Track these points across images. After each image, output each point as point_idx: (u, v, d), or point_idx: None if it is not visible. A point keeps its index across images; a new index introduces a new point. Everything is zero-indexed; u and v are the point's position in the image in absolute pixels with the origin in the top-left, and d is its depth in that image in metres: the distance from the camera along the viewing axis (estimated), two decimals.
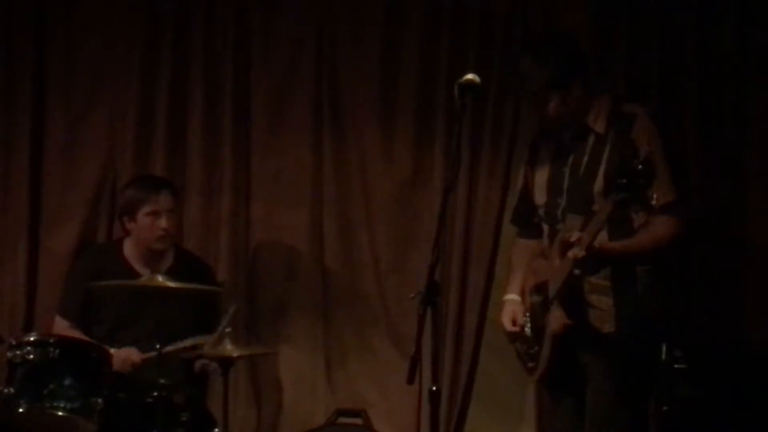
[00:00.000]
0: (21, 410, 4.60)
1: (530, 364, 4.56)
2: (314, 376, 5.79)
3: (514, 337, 4.62)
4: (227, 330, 4.88)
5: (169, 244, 5.35)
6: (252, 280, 5.86)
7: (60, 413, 4.61)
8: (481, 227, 5.52)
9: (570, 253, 4.22)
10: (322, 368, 5.77)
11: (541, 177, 4.62)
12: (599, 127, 4.44)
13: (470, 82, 4.07)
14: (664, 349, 4.36)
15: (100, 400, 4.63)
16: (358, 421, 5.60)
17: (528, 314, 4.57)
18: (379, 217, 5.73)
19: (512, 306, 4.63)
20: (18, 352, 4.67)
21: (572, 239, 4.22)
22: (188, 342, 5.04)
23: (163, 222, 5.25)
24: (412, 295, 4.07)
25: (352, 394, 5.72)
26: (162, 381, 4.83)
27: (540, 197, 4.61)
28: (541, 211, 4.62)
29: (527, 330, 4.55)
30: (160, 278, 4.97)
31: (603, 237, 4.27)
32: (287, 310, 5.84)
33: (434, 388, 4.01)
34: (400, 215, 5.70)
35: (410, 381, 3.98)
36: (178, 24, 5.94)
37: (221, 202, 5.85)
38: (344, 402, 5.69)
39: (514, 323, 4.60)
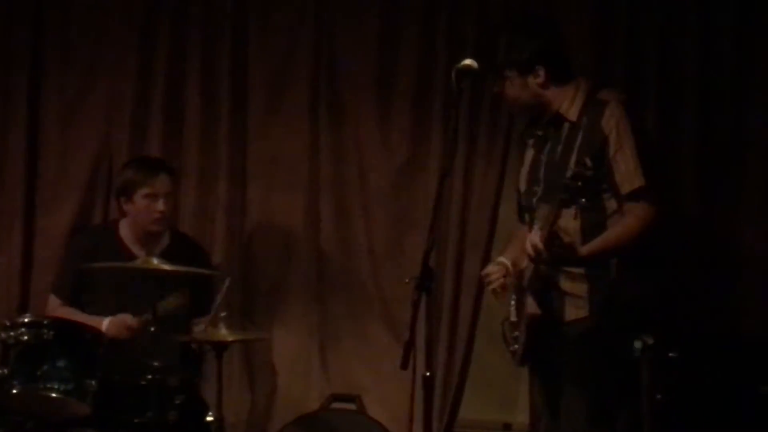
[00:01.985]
0: (15, 391, 4.62)
1: (512, 348, 4.55)
2: (308, 361, 5.79)
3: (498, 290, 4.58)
4: (222, 314, 4.90)
5: (166, 226, 5.34)
6: (247, 264, 5.86)
7: (53, 395, 4.63)
8: (477, 214, 5.52)
9: (528, 246, 4.22)
10: (317, 353, 5.77)
11: (525, 166, 4.62)
12: (572, 115, 4.41)
13: (468, 67, 4.08)
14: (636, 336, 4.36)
15: (93, 382, 4.65)
16: (352, 406, 5.66)
17: (514, 298, 4.56)
18: (375, 202, 5.73)
19: (496, 265, 4.58)
20: (12, 333, 4.68)
21: (531, 237, 4.22)
22: (180, 300, 5.05)
23: (160, 204, 5.24)
24: (407, 280, 4.08)
25: (346, 379, 5.73)
26: (156, 364, 4.86)
27: (521, 185, 4.62)
28: (522, 200, 4.62)
29: (513, 315, 4.55)
30: (155, 260, 4.98)
31: (575, 226, 4.29)
32: (282, 294, 5.84)
33: (428, 374, 4.02)
34: (396, 201, 5.69)
35: (404, 366, 3.98)
36: (176, 10, 5.93)
37: (217, 186, 5.86)
38: (338, 387, 5.72)
39: (490, 277, 4.57)
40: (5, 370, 4.63)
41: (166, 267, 4.93)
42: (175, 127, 5.91)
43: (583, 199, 4.09)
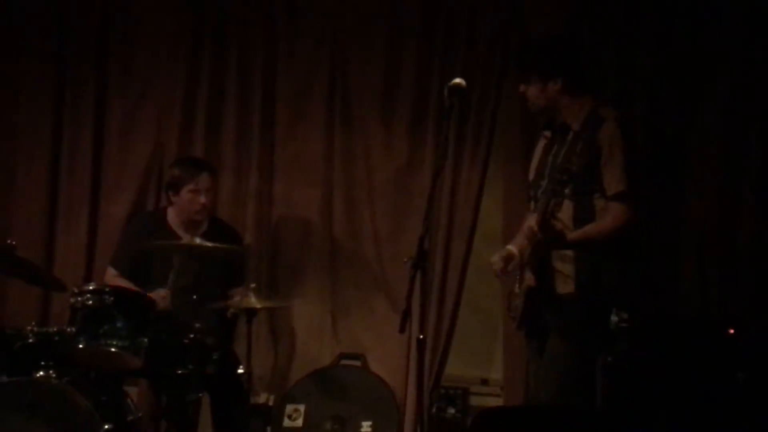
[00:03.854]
0: (80, 346, 4.61)
1: (512, 313, 4.56)
2: (322, 326, 5.78)
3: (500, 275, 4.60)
4: (252, 286, 4.93)
5: (206, 216, 5.33)
6: (272, 245, 5.84)
7: (112, 349, 4.62)
8: (463, 206, 5.50)
9: (526, 229, 4.25)
10: (329, 319, 5.77)
11: (535, 160, 4.62)
12: (576, 125, 4.41)
13: (457, 85, 4.08)
14: (613, 311, 4.35)
15: (145, 340, 4.64)
16: (358, 363, 5.67)
17: (518, 274, 4.54)
18: (378, 196, 5.71)
19: (502, 253, 4.57)
20: (79, 299, 4.67)
21: (528, 221, 4.27)
22: (180, 277, 5.04)
23: (201, 198, 5.24)
24: (405, 260, 4.08)
25: (353, 341, 5.72)
26: (197, 325, 4.84)
27: (531, 176, 4.61)
28: (530, 191, 4.60)
29: (517, 287, 4.53)
30: (197, 240, 4.99)
31: (567, 214, 4.28)
32: (301, 271, 5.82)
33: (421, 337, 4.05)
34: (396, 195, 5.67)
35: (402, 330, 4.00)
36: (217, 35, 5.90)
37: (249, 181, 5.84)
38: (346, 347, 5.72)
39: (496, 265, 4.55)
40: (73, 329, 4.62)
41: (207, 245, 4.94)
42: (214, 132, 5.88)
43: (567, 190, 4.10)
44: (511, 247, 4.59)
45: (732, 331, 4.34)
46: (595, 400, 4.30)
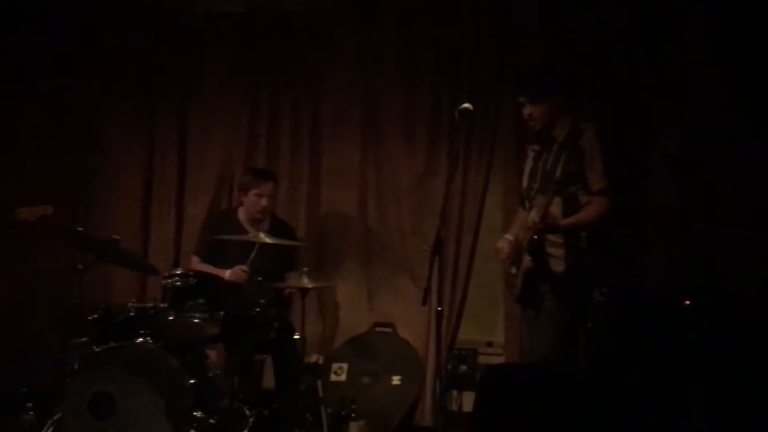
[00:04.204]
0: (170, 318, 4.62)
1: (512, 290, 4.54)
2: (359, 301, 5.76)
3: (504, 258, 4.60)
4: (304, 269, 4.95)
5: (267, 216, 5.30)
6: (320, 237, 5.83)
7: (195, 320, 4.65)
8: (470, 204, 5.47)
9: (528, 221, 4.24)
10: (365, 295, 5.75)
11: (527, 168, 4.60)
12: (561, 137, 4.39)
13: (466, 108, 4.08)
14: (596, 288, 4.33)
15: (221, 313, 4.65)
16: (389, 330, 5.65)
17: (509, 253, 4.54)
18: (403, 197, 5.67)
19: (504, 241, 4.59)
20: (169, 281, 4.70)
21: (530, 215, 4.24)
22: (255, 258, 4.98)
23: (263, 202, 5.22)
24: (425, 248, 4.07)
25: (384, 313, 5.69)
26: (261, 301, 4.85)
27: (524, 182, 4.60)
28: (523, 193, 4.60)
29: (513, 269, 4.51)
30: (261, 235, 4.97)
31: (558, 209, 4.26)
32: (342, 257, 5.80)
33: (439, 309, 4.05)
34: (417, 196, 5.63)
35: (423, 304, 4.03)
36: (273, 74, 5.91)
37: (301, 186, 5.83)
38: (379, 317, 5.69)
39: (502, 251, 4.57)
40: (164, 305, 4.66)
41: (269, 240, 4.93)
42: (274, 146, 5.87)
43: (569, 189, 4.19)
44: (510, 237, 4.58)
45: (687, 302, 4.36)
46: (579, 358, 4.29)
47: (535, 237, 4.22)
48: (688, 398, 4.02)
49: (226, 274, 4.97)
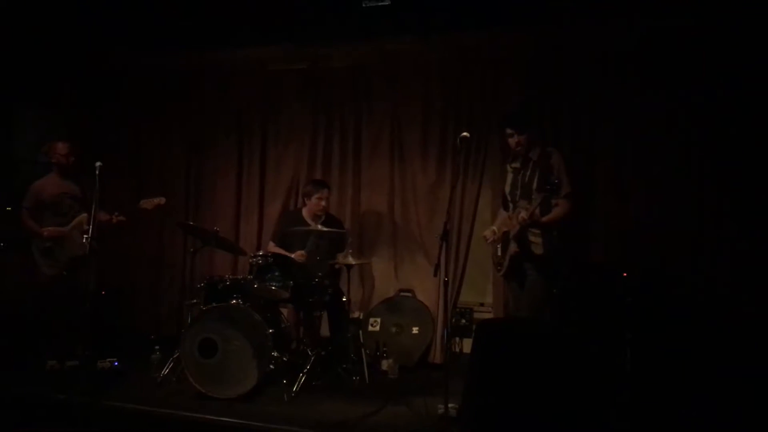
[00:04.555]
0: (255, 286, 4.65)
1: (498, 268, 4.55)
2: (388, 273, 5.72)
3: (491, 242, 4.58)
4: (349, 251, 4.92)
5: (323, 212, 5.30)
6: (360, 228, 5.79)
7: (273, 288, 4.66)
8: (468, 204, 5.43)
9: (519, 218, 4.24)
10: (393, 270, 5.71)
11: (508, 181, 4.59)
12: (535, 157, 4.41)
13: (465, 137, 4.07)
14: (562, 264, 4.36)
15: (291, 282, 4.67)
16: (409, 294, 5.61)
17: (499, 244, 4.53)
18: (420, 199, 5.63)
19: (489, 231, 4.61)
20: (254, 260, 4.72)
21: (520, 214, 4.25)
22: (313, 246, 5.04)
23: (322, 203, 5.22)
24: (436, 235, 4.09)
25: (407, 282, 5.65)
26: (320, 274, 4.89)
27: (507, 190, 4.59)
28: (508, 198, 4.57)
29: (498, 251, 4.51)
30: (320, 226, 5.01)
31: (537, 211, 4.28)
32: (377, 242, 5.76)
33: (446, 279, 4.04)
34: (430, 199, 5.59)
35: (435, 275, 4.01)
36: (327, 110, 5.86)
37: (347, 192, 5.81)
38: (402, 285, 5.66)
39: (487, 238, 4.59)
40: (251, 277, 4.67)
41: (325, 229, 4.97)
42: (328, 163, 5.85)
43: (552, 196, 4.20)
44: (495, 228, 4.60)
45: (625, 274, 4.32)
46: (549, 315, 4.31)
47: (521, 229, 4.25)
48: (624, 341, 4.02)
49: (293, 255, 5.00)
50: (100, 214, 4.87)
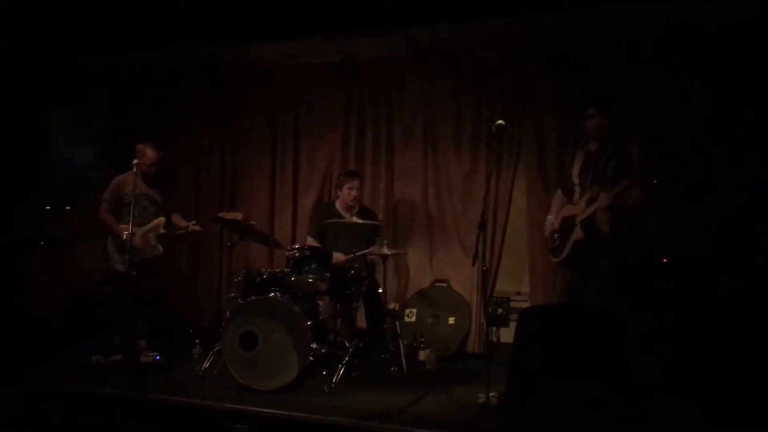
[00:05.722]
0: (293, 279, 4.64)
1: (556, 254, 4.43)
2: (423, 264, 5.73)
3: (549, 234, 4.48)
4: (384, 242, 4.90)
5: (357, 204, 5.31)
6: (394, 219, 5.80)
7: (310, 280, 4.65)
8: (503, 193, 5.42)
9: (601, 200, 4.12)
10: (428, 260, 5.72)
11: (576, 165, 4.42)
12: (612, 144, 4.30)
13: (500, 125, 4.04)
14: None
15: (328, 275, 4.66)
16: (445, 284, 5.62)
17: (558, 229, 4.42)
18: (454, 189, 5.62)
19: (549, 221, 4.51)
20: (291, 253, 4.71)
21: (600, 198, 4.14)
22: (364, 251, 5.03)
23: (354, 193, 5.23)
24: (474, 224, 4.07)
25: (442, 272, 5.65)
26: (356, 265, 4.91)
27: (575, 175, 4.41)
28: (575, 181, 4.40)
29: (556, 237, 4.42)
30: (354, 218, 5.03)
31: (617, 196, 4.16)
32: (412, 232, 5.77)
33: (484, 268, 4.03)
34: (464, 189, 5.58)
35: (473, 265, 3.99)
36: (359, 105, 5.87)
37: (380, 184, 5.82)
38: (438, 275, 5.66)
39: (549, 226, 4.50)
40: (288, 270, 4.66)
41: (359, 221, 4.98)
42: (360, 154, 5.86)
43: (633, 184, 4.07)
44: (552, 216, 4.51)
45: (665, 260, 4.29)
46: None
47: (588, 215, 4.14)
48: (665, 323, 3.98)
49: (333, 259, 4.91)
50: (178, 218, 5.07)
